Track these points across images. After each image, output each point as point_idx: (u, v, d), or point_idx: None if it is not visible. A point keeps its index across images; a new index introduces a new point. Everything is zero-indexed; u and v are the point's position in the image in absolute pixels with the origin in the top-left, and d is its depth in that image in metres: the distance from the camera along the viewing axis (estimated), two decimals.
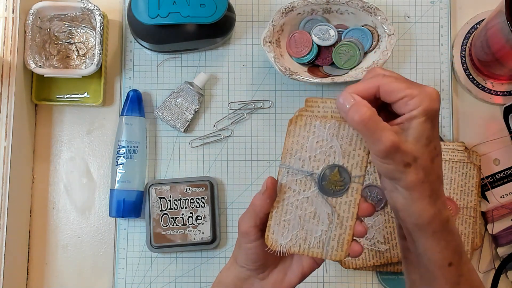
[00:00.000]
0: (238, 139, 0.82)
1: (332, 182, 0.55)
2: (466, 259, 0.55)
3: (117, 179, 0.77)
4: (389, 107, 0.52)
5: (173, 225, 0.78)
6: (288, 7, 0.79)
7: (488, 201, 0.80)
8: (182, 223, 0.78)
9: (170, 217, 0.78)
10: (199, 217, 0.78)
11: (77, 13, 0.79)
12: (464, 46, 0.83)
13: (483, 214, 0.80)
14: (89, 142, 0.82)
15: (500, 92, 0.82)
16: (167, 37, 0.78)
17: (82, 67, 0.82)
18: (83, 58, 0.82)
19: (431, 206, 0.51)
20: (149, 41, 0.79)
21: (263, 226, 0.56)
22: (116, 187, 0.77)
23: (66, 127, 0.82)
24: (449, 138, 0.82)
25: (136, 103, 0.80)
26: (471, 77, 0.83)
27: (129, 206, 0.77)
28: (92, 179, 0.82)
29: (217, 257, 0.80)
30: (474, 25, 0.83)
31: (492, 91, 0.82)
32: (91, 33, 0.83)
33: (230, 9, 0.79)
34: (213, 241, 0.79)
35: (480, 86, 0.82)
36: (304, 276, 0.59)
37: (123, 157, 0.78)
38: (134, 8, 0.74)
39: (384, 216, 0.77)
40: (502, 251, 0.79)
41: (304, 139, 0.55)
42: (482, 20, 0.83)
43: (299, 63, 0.82)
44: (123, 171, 0.77)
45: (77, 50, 0.83)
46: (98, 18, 0.77)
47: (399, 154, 0.49)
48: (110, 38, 0.84)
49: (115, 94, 0.83)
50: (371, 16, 0.80)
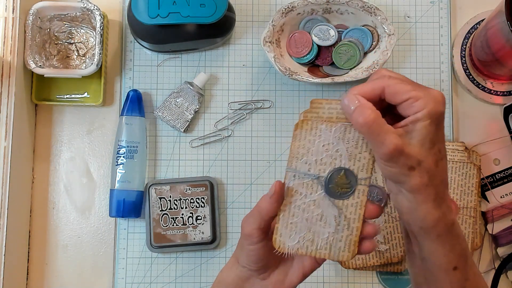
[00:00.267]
0: (238, 139, 0.82)
1: (339, 184, 0.55)
2: (472, 263, 0.55)
3: (117, 179, 0.77)
4: (394, 110, 0.52)
5: (173, 225, 0.78)
6: (288, 7, 0.79)
7: (488, 201, 0.80)
8: (182, 223, 0.78)
9: (170, 217, 0.78)
10: (199, 217, 0.78)
11: (77, 13, 0.79)
12: (464, 46, 0.83)
13: (483, 214, 0.80)
14: (89, 142, 0.82)
15: (500, 92, 0.82)
16: (167, 37, 0.78)
17: (82, 67, 0.82)
18: (83, 58, 0.82)
19: (435, 209, 0.51)
20: (149, 41, 0.79)
21: (267, 229, 0.56)
22: (116, 187, 0.77)
23: (66, 127, 0.82)
24: (449, 138, 0.82)
25: (136, 103, 0.80)
26: (471, 77, 0.83)
27: (129, 206, 0.77)
28: (92, 179, 0.82)
29: (217, 257, 0.80)
30: (474, 25, 0.83)
31: (492, 91, 0.82)
32: (91, 33, 0.83)
33: (230, 9, 0.79)
34: (213, 241, 0.79)
35: (480, 86, 0.82)
36: (305, 275, 0.59)
37: (123, 157, 0.78)
38: (134, 8, 0.74)
39: (384, 216, 0.77)
40: (502, 251, 0.79)
41: (310, 142, 0.55)
42: (482, 20, 0.83)
43: (299, 63, 0.82)
44: (123, 171, 0.77)
45: (77, 50, 0.83)
46: (98, 18, 0.77)
47: (402, 157, 0.49)
48: (110, 38, 0.84)
49: (115, 94, 0.83)
50: (371, 16, 0.80)
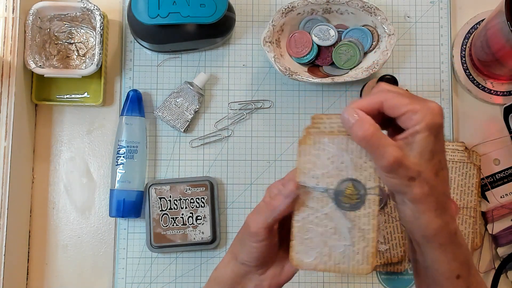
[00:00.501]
0: (238, 139, 0.82)
1: (348, 196, 0.55)
2: (475, 272, 0.56)
3: (117, 179, 0.77)
4: (396, 122, 0.53)
5: (173, 225, 0.78)
6: (288, 7, 0.79)
7: (488, 201, 0.80)
8: (182, 223, 0.78)
9: (170, 217, 0.78)
10: (199, 217, 0.78)
11: (77, 13, 0.79)
12: (464, 46, 0.83)
13: (483, 214, 0.80)
14: (89, 142, 0.82)
15: (500, 92, 0.82)
16: (167, 37, 0.78)
17: (82, 67, 0.82)
18: (83, 58, 0.82)
19: (437, 218, 0.51)
20: (149, 41, 0.79)
21: (273, 227, 0.56)
22: (116, 187, 0.77)
23: (66, 127, 0.82)
24: (449, 138, 0.82)
25: (136, 103, 0.80)
26: (471, 77, 0.83)
27: (129, 206, 0.77)
28: (92, 179, 0.82)
29: (217, 257, 0.80)
30: (474, 25, 0.83)
31: (492, 91, 0.82)
32: (91, 33, 0.83)
33: (230, 9, 0.79)
34: (213, 241, 0.79)
35: (480, 86, 0.82)
36: None
37: (123, 157, 0.78)
38: (134, 8, 0.74)
39: (384, 216, 0.77)
40: (502, 251, 0.79)
41: (315, 157, 0.55)
42: (482, 20, 0.83)
43: (299, 63, 0.82)
44: (123, 171, 0.77)
45: (77, 50, 0.83)
46: (98, 18, 0.77)
47: (402, 169, 0.50)
48: (110, 38, 0.84)
49: (115, 94, 0.83)
50: (371, 16, 0.80)
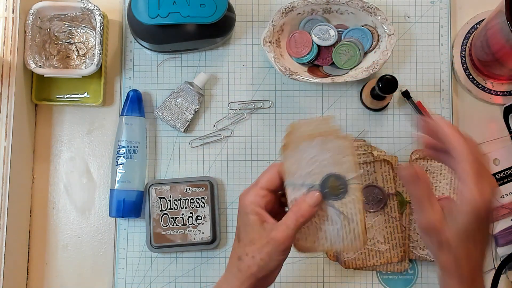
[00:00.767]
0: (238, 139, 0.82)
1: (333, 188, 0.61)
2: None
3: (117, 179, 0.77)
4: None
5: (173, 225, 0.78)
6: (288, 7, 0.79)
7: None
8: (182, 223, 0.78)
9: (170, 217, 0.78)
10: (199, 217, 0.78)
11: (77, 13, 0.79)
12: (464, 46, 0.83)
13: None
14: (89, 142, 0.82)
15: (500, 92, 0.82)
16: (167, 37, 0.78)
17: (82, 67, 0.82)
18: (83, 58, 0.82)
19: (461, 286, 0.54)
20: (149, 41, 0.79)
21: None
22: (116, 187, 0.77)
23: (66, 127, 0.82)
24: None
25: (136, 103, 0.80)
26: (471, 77, 0.83)
27: (129, 206, 0.77)
28: (92, 179, 0.82)
29: (217, 257, 0.80)
30: (474, 25, 0.83)
31: (492, 91, 0.82)
32: (91, 33, 0.83)
33: (230, 9, 0.79)
34: (213, 241, 0.79)
35: (480, 86, 0.82)
36: None
37: (123, 157, 0.78)
38: (134, 8, 0.74)
39: (384, 216, 0.77)
40: (502, 251, 0.79)
41: (298, 160, 0.61)
42: (482, 20, 0.83)
43: (299, 63, 0.82)
44: (123, 171, 0.77)
45: (77, 50, 0.83)
46: (98, 18, 0.77)
47: (435, 235, 0.52)
48: (110, 38, 0.84)
49: (115, 94, 0.83)
50: (371, 16, 0.80)
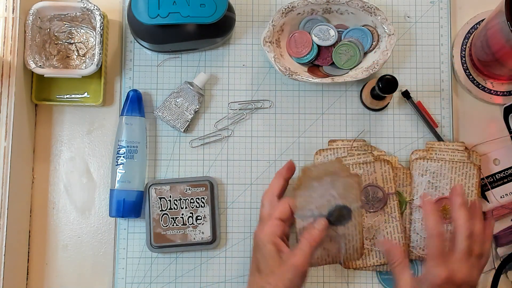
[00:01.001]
0: (238, 139, 0.82)
1: (338, 216, 0.69)
2: None
3: (117, 179, 0.77)
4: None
5: (173, 225, 0.78)
6: (288, 7, 0.79)
7: (488, 201, 0.80)
8: (182, 223, 0.78)
9: (170, 217, 0.78)
10: (199, 217, 0.78)
11: (77, 13, 0.80)
12: (464, 46, 0.83)
13: (483, 214, 0.80)
14: (89, 142, 0.82)
15: (500, 92, 0.82)
16: (167, 37, 0.78)
17: (82, 67, 0.82)
18: (83, 58, 0.82)
19: None
20: (149, 41, 0.79)
21: None
22: (116, 187, 0.77)
23: (66, 127, 0.83)
24: (449, 138, 0.82)
25: (136, 103, 0.80)
26: (471, 77, 0.83)
27: (129, 206, 0.77)
28: (92, 179, 0.82)
29: (217, 257, 0.80)
30: (474, 25, 0.83)
31: (492, 91, 0.82)
32: (91, 33, 0.83)
33: (230, 9, 0.79)
34: (213, 241, 0.79)
35: (480, 86, 0.82)
36: None
37: (123, 157, 0.78)
38: (134, 8, 0.74)
39: (384, 216, 0.77)
40: (502, 251, 0.80)
41: (309, 197, 0.70)
42: (482, 20, 0.83)
43: (299, 63, 0.82)
44: (123, 171, 0.77)
45: (77, 50, 0.83)
46: (98, 18, 0.77)
47: None
48: (110, 38, 0.84)
49: (115, 94, 0.83)
50: (371, 16, 0.80)
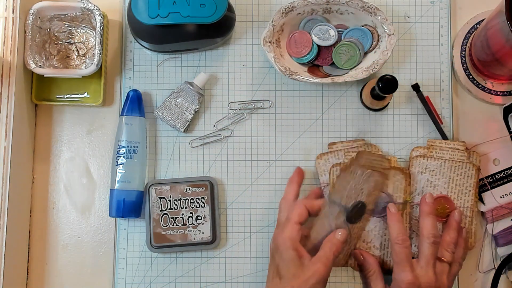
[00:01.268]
0: (238, 139, 0.82)
1: (355, 215, 0.74)
2: None
3: (117, 179, 0.77)
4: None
5: (173, 225, 0.78)
6: (288, 7, 0.79)
7: (484, 203, 0.80)
8: (182, 223, 0.78)
9: (170, 217, 0.78)
10: (199, 217, 0.78)
11: (77, 13, 0.80)
12: (464, 46, 0.83)
13: (483, 214, 0.80)
14: (89, 142, 0.82)
15: (500, 92, 0.83)
16: (167, 37, 0.78)
17: (82, 67, 0.82)
18: (83, 58, 0.82)
19: None
20: (149, 41, 0.79)
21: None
22: (116, 187, 0.77)
23: (66, 127, 0.83)
24: (449, 138, 0.82)
25: (136, 103, 0.80)
26: (471, 77, 0.83)
27: (129, 206, 0.77)
28: (92, 179, 0.82)
29: (217, 257, 0.80)
30: (474, 25, 0.83)
31: (492, 91, 0.83)
32: (91, 33, 0.83)
33: (230, 9, 0.79)
34: (213, 241, 0.79)
35: (480, 86, 0.82)
36: None
37: (123, 157, 0.78)
38: (134, 8, 0.74)
39: (385, 223, 0.77)
40: (502, 251, 0.80)
41: (348, 182, 0.74)
42: (482, 20, 0.83)
43: (299, 63, 0.82)
44: (123, 171, 0.77)
45: (77, 50, 0.83)
46: (98, 18, 0.77)
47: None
48: (110, 38, 0.84)
49: (115, 94, 0.83)
50: (371, 16, 0.80)
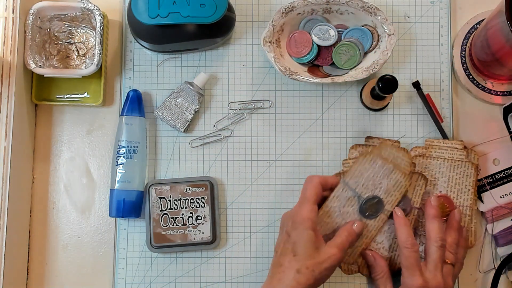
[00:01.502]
0: (238, 139, 0.82)
1: (369, 207, 0.73)
2: None
3: (117, 179, 0.77)
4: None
5: (173, 225, 0.78)
6: (288, 7, 0.79)
7: (482, 202, 0.80)
8: (182, 223, 0.78)
9: (170, 217, 0.78)
10: (199, 217, 0.78)
11: (77, 13, 0.79)
12: (464, 46, 0.83)
13: (482, 214, 0.80)
14: (89, 142, 0.82)
15: (500, 92, 0.83)
16: (167, 37, 0.78)
17: (82, 67, 0.82)
18: (83, 58, 0.82)
19: None
20: (149, 41, 0.79)
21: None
22: (116, 187, 0.77)
23: (66, 127, 0.83)
24: (449, 137, 0.82)
25: (136, 103, 0.80)
26: (471, 77, 0.83)
27: (129, 206, 0.77)
28: (92, 179, 0.82)
29: (217, 257, 0.80)
30: (474, 25, 0.83)
31: (492, 91, 0.83)
32: (91, 33, 0.83)
33: (230, 9, 0.79)
34: (213, 241, 0.79)
35: (480, 86, 0.82)
36: None
37: (123, 157, 0.78)
38: (134, 8, 0.74)
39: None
40: (502, 251, 0.80)
41: (366, 170, 0.73)
42: (482, 20, 0.83)
43: (299, 63, 0.82)
44: (123, 171, 0.77)
45: (77, 50, 0.83)
46: (98, 18, 0.77)
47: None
48: (110, 38, 0.84)
49: (115, 94, 0.83)
50: (371, 16, 0.80)
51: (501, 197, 0.80)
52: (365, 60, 0.81)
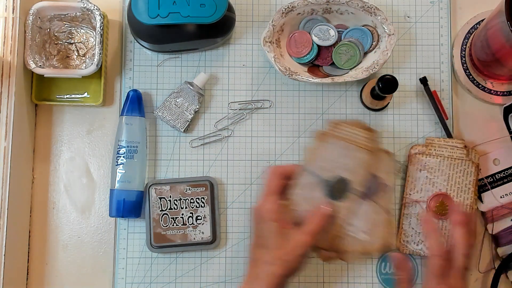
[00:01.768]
0: (238, 139, 0.82)
1: (335, 189, 0.71)
2: None
3: (117, 179, 0.77)
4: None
5: (173, 225, 0.78)
6: (288, 7, 0.79)
7: (482, 202, 0.80)
8: (182, 223, 0.78)
9: (170, 217, 0.78)
10: (199, 217, 0.78)
11: (77, 13, 0.79)
12: (464, 46, 0.83)
13: (482, 214, 0.80)
14: (89, 142, 0.82)
15: (500, 92, 0.83)
16: (167, 37, 0.78)
17: (82, 67, 0.82)
18: (83, 58, 0.82)
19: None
20: (149, 41, 0.79)
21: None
22: (116, 187, 0.77)
23: (66, 127, 0.83)
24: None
25: (136, 103, 0.80)
26: (471, 77, 0.83)
27: (129, 206, 0.77)
28: (92, 179, 0.82)
29: (217, 257, 0.80)
30: (474, 25, 0.83)
31: (492, 91, 0.83)
32: (91, 33, 0.83)
33: (230, 9, 0.79)
34: (213, 241, 0.79)
35: (480, 86, 0.83)
36: None
37: (123, 157, 0.78)
38: (134, 8, 0.74)
39: (373, 206, 0.75)
40: (502, 251, 0.80)
41: (325, 153, 0.71)
42: (482, 20, 0.83)
43: (299, 63, 0.82)
44: (123, 171, 0.77)
45: (77, 50, 0.83)
46: (98, 18, 0.77)
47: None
48: (110, 38, 0.84)
49: (115, 94, 0.83)
50: (371, 16, 0.80)
51: (501, 197, 0.80)
52: (365, 60, 0.81)
